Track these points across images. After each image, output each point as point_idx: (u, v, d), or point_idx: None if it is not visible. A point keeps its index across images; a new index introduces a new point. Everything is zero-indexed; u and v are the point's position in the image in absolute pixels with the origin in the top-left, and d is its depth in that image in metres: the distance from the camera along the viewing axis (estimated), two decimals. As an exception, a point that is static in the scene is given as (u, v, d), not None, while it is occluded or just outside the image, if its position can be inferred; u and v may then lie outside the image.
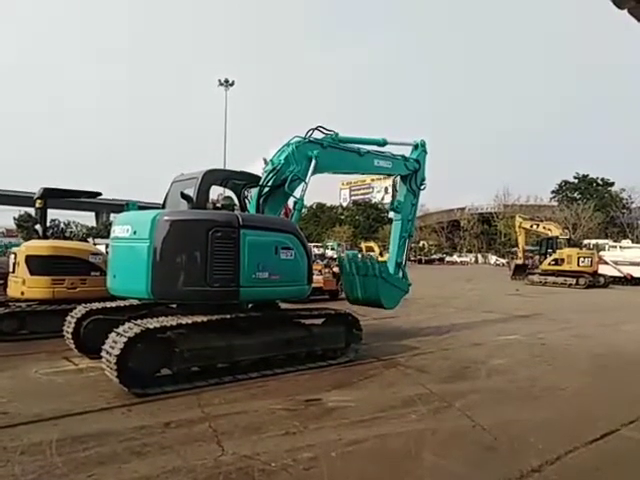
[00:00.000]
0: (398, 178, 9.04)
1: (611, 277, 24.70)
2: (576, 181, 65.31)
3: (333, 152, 7.46)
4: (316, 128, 7.35)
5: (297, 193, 7.02)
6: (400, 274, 8.78)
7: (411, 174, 8.75)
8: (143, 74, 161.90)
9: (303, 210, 7.76)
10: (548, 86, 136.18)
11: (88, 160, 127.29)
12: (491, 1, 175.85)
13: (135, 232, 5.62)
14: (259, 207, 6.67)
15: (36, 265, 7.97)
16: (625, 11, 2.81)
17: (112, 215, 72.73)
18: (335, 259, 34.30)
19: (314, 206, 79.46)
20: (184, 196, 6.11)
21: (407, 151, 8.98)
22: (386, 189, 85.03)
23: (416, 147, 9.01)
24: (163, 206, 6.70)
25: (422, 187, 8.96)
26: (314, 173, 7.12)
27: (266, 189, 6.73)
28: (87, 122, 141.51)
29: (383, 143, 8.40)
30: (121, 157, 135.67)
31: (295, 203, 7.15)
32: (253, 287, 5.74)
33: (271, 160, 7.08)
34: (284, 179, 6.76)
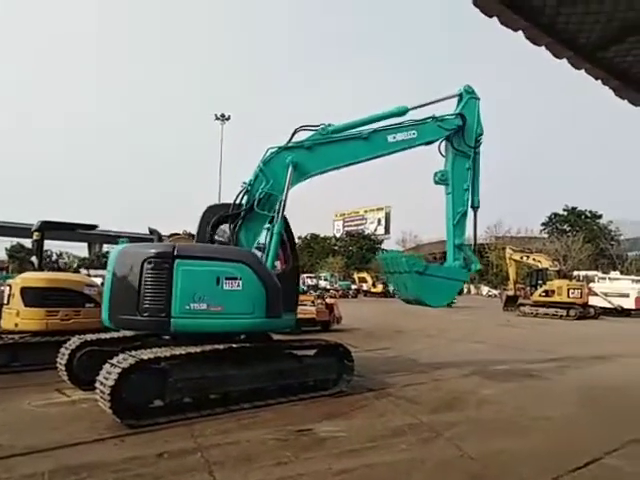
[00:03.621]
0: (443, 144, 7.34)
1: (601, 308, 24.90)
2: (565, 213, 66.34)
3: (320, 149, 6.55)
4: (299, 129, 6.57)
5: (276, 212, 6.31)
6: (460, 260, 7.22)
7: (453, 134, 7.18)
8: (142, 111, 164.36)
9: (297, 241, 7.55)
10: (538, 119, 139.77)
11: (86, 190, 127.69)
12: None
13: (109, 264, 6.08)
14: (233, 237, 6.22)
15: (31, 297, 8.02)
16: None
17: (105, 246, 72.60)
18: (328, 290, 34.34)
19: (307, 237, 79.86)
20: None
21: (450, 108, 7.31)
22: (379, 220, 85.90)
23: (461, 97, 7.29)
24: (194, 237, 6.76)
25: (478, 144, 7.18)
26: (297, 182, 6.43)
27: (239, 215, 6.24)
28: (83, 153, 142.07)
29: (401, 112, 6.82)
30: (122, 188, 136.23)
31: (272, 226, 6.38)
32: (187, 318, 5.59)
33: (244, 182, 6.50)
34: (254, 200, 6.31)
